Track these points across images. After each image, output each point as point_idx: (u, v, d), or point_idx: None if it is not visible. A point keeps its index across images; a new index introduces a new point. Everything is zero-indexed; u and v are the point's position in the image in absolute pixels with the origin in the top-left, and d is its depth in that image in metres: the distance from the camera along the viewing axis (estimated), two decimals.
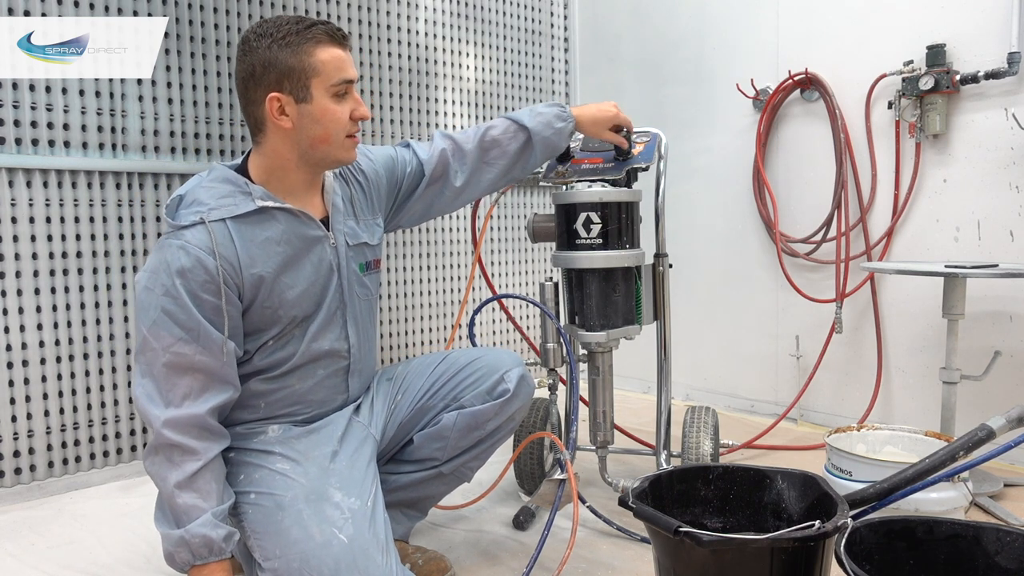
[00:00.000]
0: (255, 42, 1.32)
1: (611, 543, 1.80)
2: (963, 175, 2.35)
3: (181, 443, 1.27)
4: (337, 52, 1.34)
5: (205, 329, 1.30)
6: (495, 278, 3.38)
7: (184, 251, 1.28)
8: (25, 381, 2.18)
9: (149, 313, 1.29)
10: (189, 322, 1.29)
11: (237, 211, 1.33)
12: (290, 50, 1.30)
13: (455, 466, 1.61)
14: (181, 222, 1.31)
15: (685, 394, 3.20)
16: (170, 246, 1.30)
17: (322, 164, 1.42)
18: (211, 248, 1.29)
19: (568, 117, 1.73)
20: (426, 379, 1.61)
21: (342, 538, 1.27)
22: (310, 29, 1.32)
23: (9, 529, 1.98)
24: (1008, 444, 1.29)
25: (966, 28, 2.29)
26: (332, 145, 1.38)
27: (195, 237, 1.29)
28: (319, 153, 1.38)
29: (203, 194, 1.34)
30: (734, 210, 2.98)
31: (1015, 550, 1.17)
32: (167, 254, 1.29)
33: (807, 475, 1.34)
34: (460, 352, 1.66)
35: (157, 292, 1.28)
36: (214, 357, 1.31)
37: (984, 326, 2.30)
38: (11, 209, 2.14)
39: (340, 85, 1.35)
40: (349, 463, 1.42)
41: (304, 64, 1.31)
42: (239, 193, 1.35)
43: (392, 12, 2.96)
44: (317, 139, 1.36)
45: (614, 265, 1.79)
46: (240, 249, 1.33)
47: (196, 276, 1.28)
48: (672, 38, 3.17)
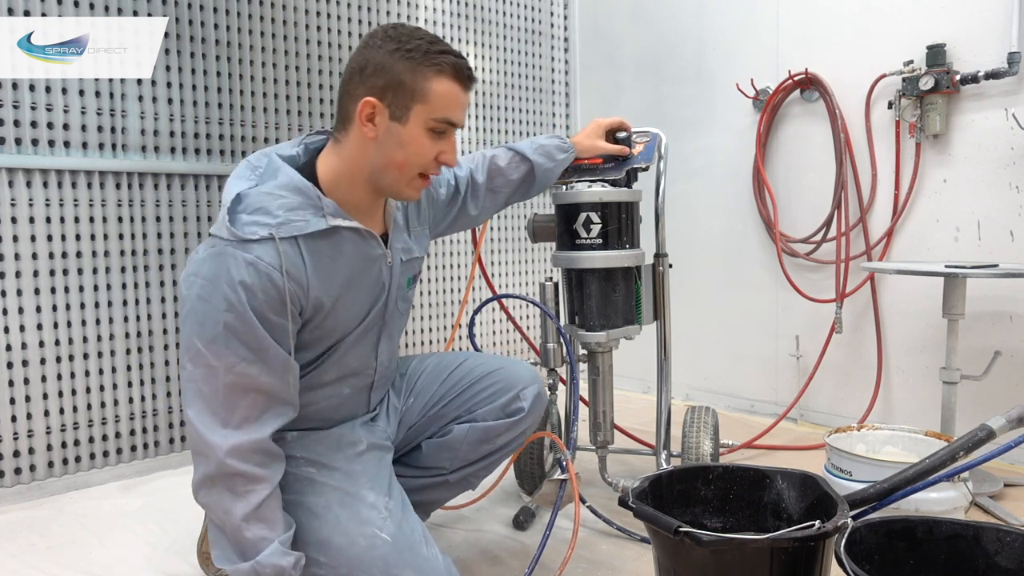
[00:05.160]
0: (380, 41, 1.23)
1: (611, 543, 1.80)
2: (963, 175, 2.35)
3: (245, 472, 1.17)
4: (455, 90, 1.25)
5: (272, 349, 1.20)
6: (495, 278, 3.38)
7: (254, 268, 1.17)
8: (25, 381, 2.18)
9: (207, 327, 1.17)
10: (254, 341, 1.18)
11: (308, 229, 1.23)
12: (409, 65, 1.22)
13: (462, 476, 1.59)
14: (246, 234, 1.18)
15: (685, 394, 3.20)
16: (235, 258, 1.17)
17: (383, 190, 1.32)
18: (280, 267, 1.18)
19: (570, 148, 1.78)
20: (440, 385, 1.58)
21: (385, 537, 1.25)
22: (440, 55, 1.23)
23: (9, 529, 1.98)
24: (1008, 444, 1.29)
25: (966, 28, 2.29)
26: (403, 175, 1.28)
27: (265, 254, 1.18)
28: (387, 177, 1.28)
29: (270, 203, 1.22)
30: (734, 210, 2.98)
31: (1015, 550, 1.17)
32: (231, 265, 1.17)
33: (807, 475, 1.34)
34: (476, 359, 1.62)
35: (218, 305, 1.16)
36: (278, 378, 1.22)
37: (984, 326, 2.30)
38: (11, 209, 2.14)
39: (441, 123, 1.25)
40: (374, 462, 1.40)
41: (416, 86, 1.22)
42: (310, 207, 1.24)
43: (392, 12, 2.96)
44: (392, 163, 1.26)
45: (614, 265, 1.79)
46: (309, 270, 1.23)
47: (265, 295, 1.18)
48: (672, 38, 3.17)
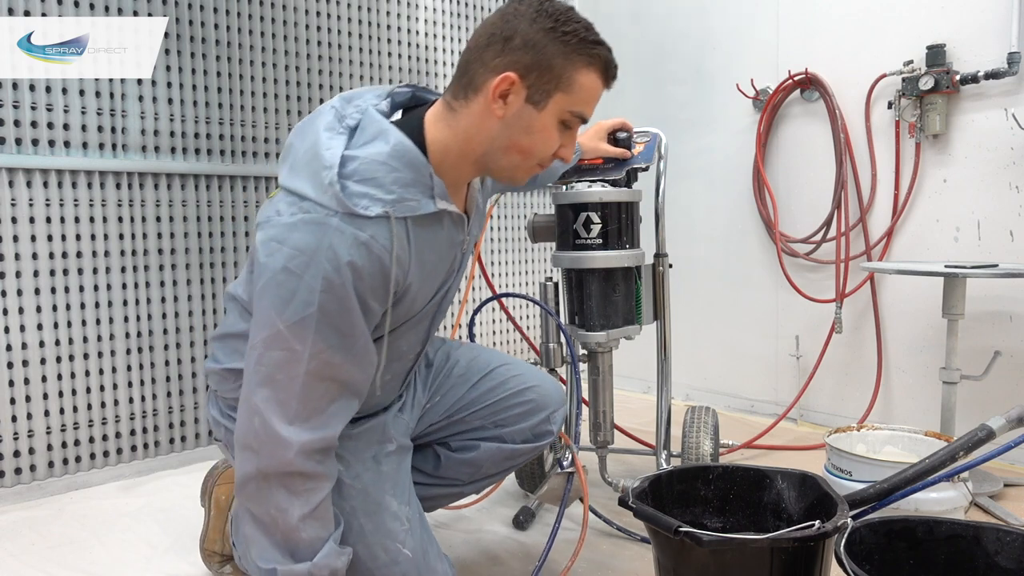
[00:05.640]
0: (534, 15, 1.11)
1: (611, 543, 1.80)
2: (963, 175, 2.35)
3: (308, 471, 1.08)
4: (598, 86, 1.17)
5: (362, 338, 1.09)
6: (495, 278, 3.38)
7: (366, 249, 1.05)
8: (25, 381, 2.18)
9: (294, 306, 1.04)
10: (347, 327, 1.06)
11: (419, 211, 1.12)
12: (563, 49, 1.10)
13: (477, 487, 1.57)
14: (359, 207, 1.05)
15: (685, 394, 3.20)
16: (343, 233, 1.03)
17: (491, 171, 1.21)
18: (391, 251, 1.07)
19: (577, 151, 1.79)
20: (469, 390, 1.51)
21: (407, 553, 1.22)
22: (595, 46, 1.13)
23: (9, 529, 1.98)
24: (1008, 444, 1.29)
25: (966, 28, 2.29)
26: (524, 163, 1.18)
27: (379, 234, 1.06)
28: (505, 160, 1.17)
29: (384, 175, 1.08)
30: (734, 210, 2.98)
31: (1015, 550, 1.17)
32: (336, 241, 1.03)
33: (807, 475, 1.34)
34: (508, 367, 1.55)
35: (313, 284, 1.03)
36: (361, 370, 1.12)
37: (984, 326, 2.30)
38: (11, 209, 2.14)
39: (575, 117, 1.16)
40: (396, 465, 1.35)
41: (564, 73, 1.11)
42: (421, 186, 1.12)
43: (392, 12, 2.96)
44: (515, 147, 1.15)
45: (614, 265, 1.79)
46: (412, 254, 1.13)
47: (371, 280, 1.07)
48: (672, 38, 3.17)
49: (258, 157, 2.60)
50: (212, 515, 1.60)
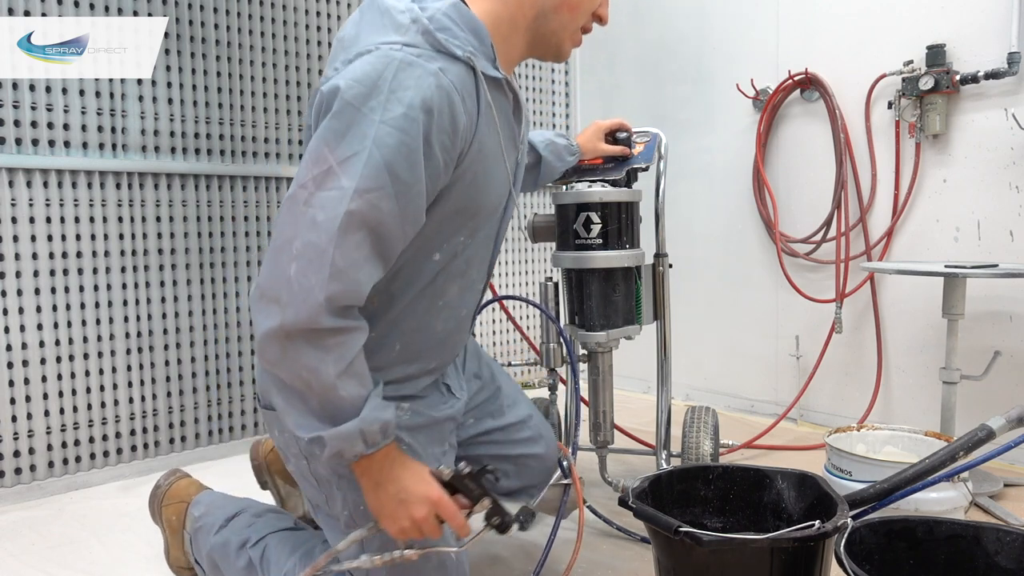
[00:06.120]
0: None
1: (611, 543, 1.80)
2: (963, 175, 2.35)
3: (335, 325, 0.99)
4: None
5: (417, 190, 1.00)
6: (495, 278, 3.38)
7: (435, 81, 0.97)
8: (25, 381, 2.18)
9: (350, 139, 0.96)
10: (404, 173, 0.98)
11: (488, 72, 1.09)
12: None
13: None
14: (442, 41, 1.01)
15: (685, 394, 3.20)
16: (415, 65, 0.97)
17: (542, 39, 1.19)
18: (462, 94, 1.01)
19: (576, 152, 1.81)
20: (497, 431, 1.50)
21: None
22: None
23: (9, 529, 1.98)
24: (1008, 444, 1.29)
25: (966, 28, 2.29)
26: (573, 19, 1.18)
27: (456, 72, 1.01)
28: (556, 21, 1.16)
29: (456, 31, 1.05)
30: (734, 210, 2.98)
31: (1015, 550, 1.17)
32: (405, 73, 0.97)
33: (807, 475, 1.34)
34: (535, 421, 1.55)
35: (373, 116, 0.95)
36: (405, 227, 1.02)
37: (984, 326, 2.30)
38: (11, 209, 2.14)
39: None
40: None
41: None
42: (483, 52, 1.09)
43: None
44: (565, 3, 1.15)
45: (614, 265, 1.79)
46: (481, 114, 1.07)
47: (440, 121, 0.99)
48: (672, 38, 3.17)
49: (258, 157, 2.60)
50: (168, 536, 1.57)
